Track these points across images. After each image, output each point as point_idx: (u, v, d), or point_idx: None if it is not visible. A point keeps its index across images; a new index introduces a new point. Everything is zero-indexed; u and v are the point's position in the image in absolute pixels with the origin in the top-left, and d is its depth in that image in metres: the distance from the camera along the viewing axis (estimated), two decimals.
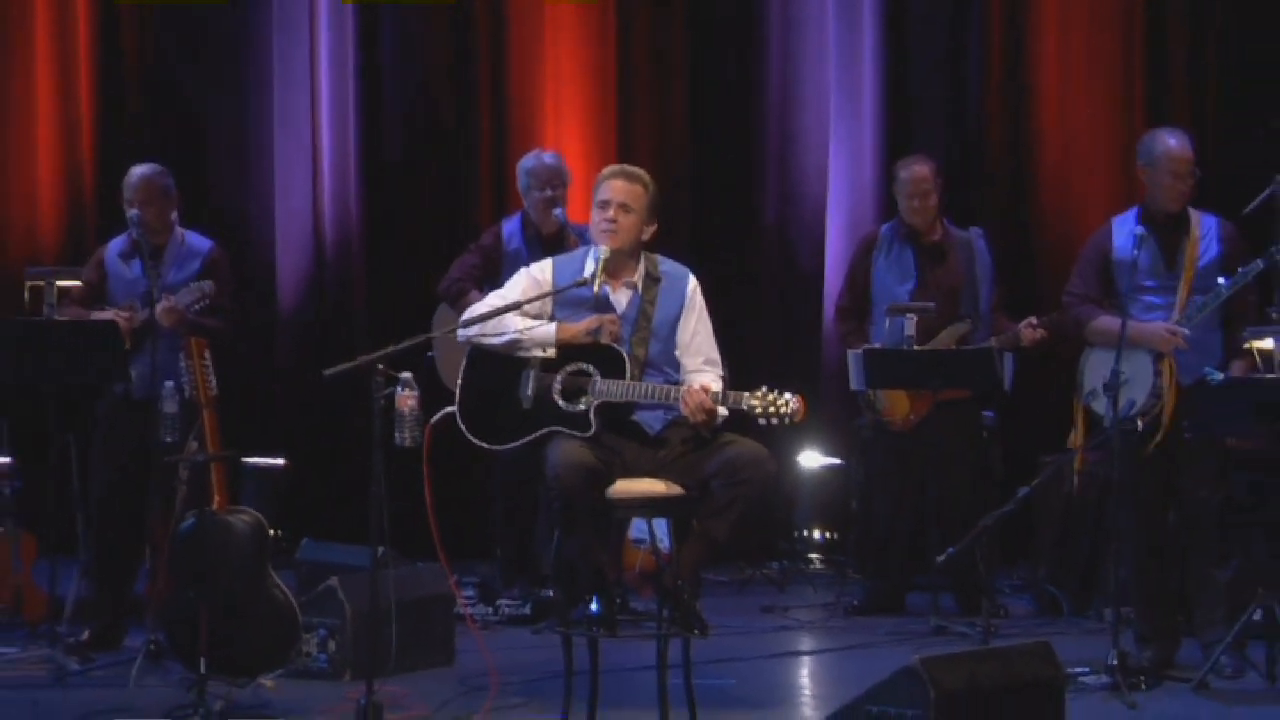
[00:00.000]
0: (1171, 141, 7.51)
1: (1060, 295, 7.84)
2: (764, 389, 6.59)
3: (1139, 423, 7.38)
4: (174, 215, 8.04)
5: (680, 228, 10.27)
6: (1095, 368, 7.45)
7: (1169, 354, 7.35)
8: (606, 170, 7.09)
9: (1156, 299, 7.48)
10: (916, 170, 8.95)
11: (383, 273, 10.74)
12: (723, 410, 6.65)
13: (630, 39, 10.77)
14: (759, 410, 6.57)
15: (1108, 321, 7.45)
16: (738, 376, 6.99)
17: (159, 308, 7.67)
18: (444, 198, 10.82)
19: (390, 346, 6.48)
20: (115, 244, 8.10)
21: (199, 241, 8.11)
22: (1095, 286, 7.59)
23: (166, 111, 10.87)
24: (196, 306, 7.76)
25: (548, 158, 8.99)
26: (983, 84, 10.52)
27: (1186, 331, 7.33)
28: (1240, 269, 7.35)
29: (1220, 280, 7.38)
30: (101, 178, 10.53)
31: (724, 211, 10.79)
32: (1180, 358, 7.34)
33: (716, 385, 6.75)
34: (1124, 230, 7.54)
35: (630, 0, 10.74)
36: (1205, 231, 7.49)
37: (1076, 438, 7.72)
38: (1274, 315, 7.83)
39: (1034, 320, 8.83)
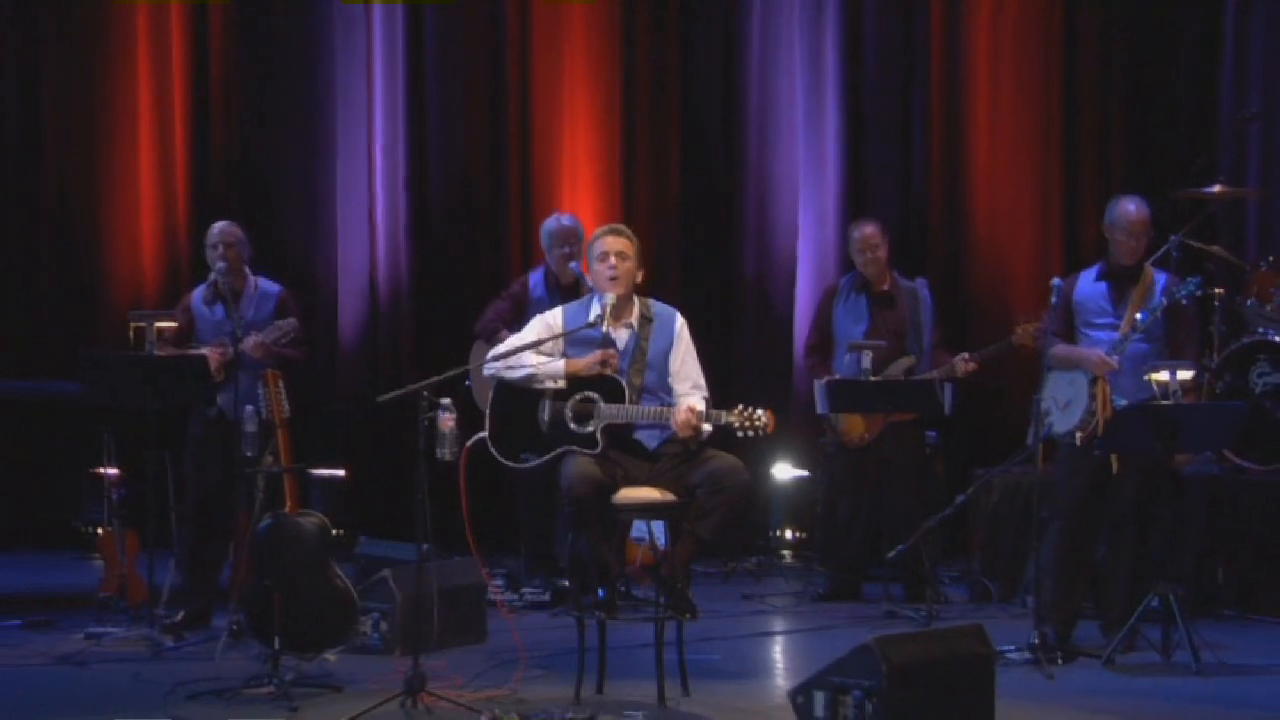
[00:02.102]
0: (1130, 207, 7.53)
1: (988, 335, 7.81)
2: (740, 406, 6.60)
3: (1077, 437, 7.38)
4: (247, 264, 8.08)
5: (673, 278, 10.29)
6: (1048, 387, 7.46)
7: (1103, 378, 7.35)
8: (598, 230, 7.10)
9: (1101, 334, 7.49)
10: (865, 231, 8.98)
11: (428, 316, 10.75)
12: (707, 426, 6.66)
13: (634, 122, 10.78)
14: (737, 424, 6.57)
15: (1059, 348, 7.51)
16: (721, 402, 6.98)
17: (249, 342, 7.68)
18: (479, 253, 10.82)
19: (434, 377, 6.50)
20: (198, 292, 8.11)
21: (270, 286, 8.13)
22: (1059, 325, 7.59)
23: (247, 182, 10.89)
24: (282, 341, 7.79)
25: (566, 220, 8.97)
26: (926, 158, 10.53)
27: (1114, 361, 7.34)
28: (1151, 305, 7.38)
29: (1138, 316, 7.39)
30: (194, 237, 10.51)
31: (710, 265, 10.79)
32: (1116, 382, 7.36)
33: (701, 404, 6.75)
34: (1088, 279, 7.59)
35: (633, 98, 10.76)
36: (1155, 285, 7.49)
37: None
38: None
39: (966, 355, 8.84)
